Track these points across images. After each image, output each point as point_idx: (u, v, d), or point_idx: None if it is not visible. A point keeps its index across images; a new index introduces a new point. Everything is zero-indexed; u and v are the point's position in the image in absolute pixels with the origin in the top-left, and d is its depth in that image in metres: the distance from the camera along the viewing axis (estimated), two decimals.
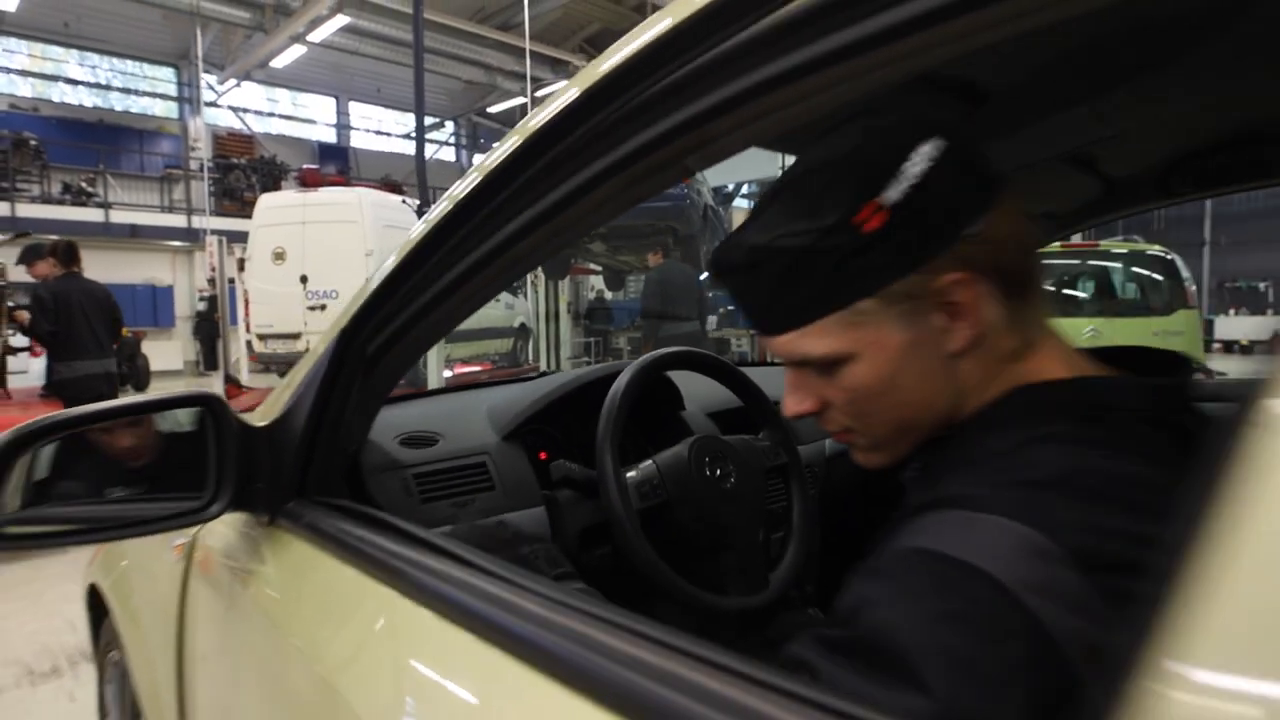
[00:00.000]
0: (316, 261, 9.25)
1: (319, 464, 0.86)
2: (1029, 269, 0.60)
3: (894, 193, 0.54)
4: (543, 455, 1.18)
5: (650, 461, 1.01)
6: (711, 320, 9.82)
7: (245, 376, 10.18)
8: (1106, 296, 5.88)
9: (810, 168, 0.59)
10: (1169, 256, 5.64)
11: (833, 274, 0.56)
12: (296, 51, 13.84)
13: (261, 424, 0.90)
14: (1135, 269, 5.80)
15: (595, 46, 17.21)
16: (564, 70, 16.45)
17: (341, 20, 12.56)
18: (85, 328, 4.86)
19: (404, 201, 9.47)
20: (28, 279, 5.19)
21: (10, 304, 5.33)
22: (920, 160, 0.54)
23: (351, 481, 0.95)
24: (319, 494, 0.86)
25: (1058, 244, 6.13)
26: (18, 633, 3.01)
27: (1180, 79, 0.76)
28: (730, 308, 10.10)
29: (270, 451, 0.87)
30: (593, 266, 10.32)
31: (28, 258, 5.06)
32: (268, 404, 0.97)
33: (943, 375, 0.59)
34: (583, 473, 0.98)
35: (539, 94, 14.30)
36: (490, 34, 14.90)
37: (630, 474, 0.97)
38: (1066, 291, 5.93)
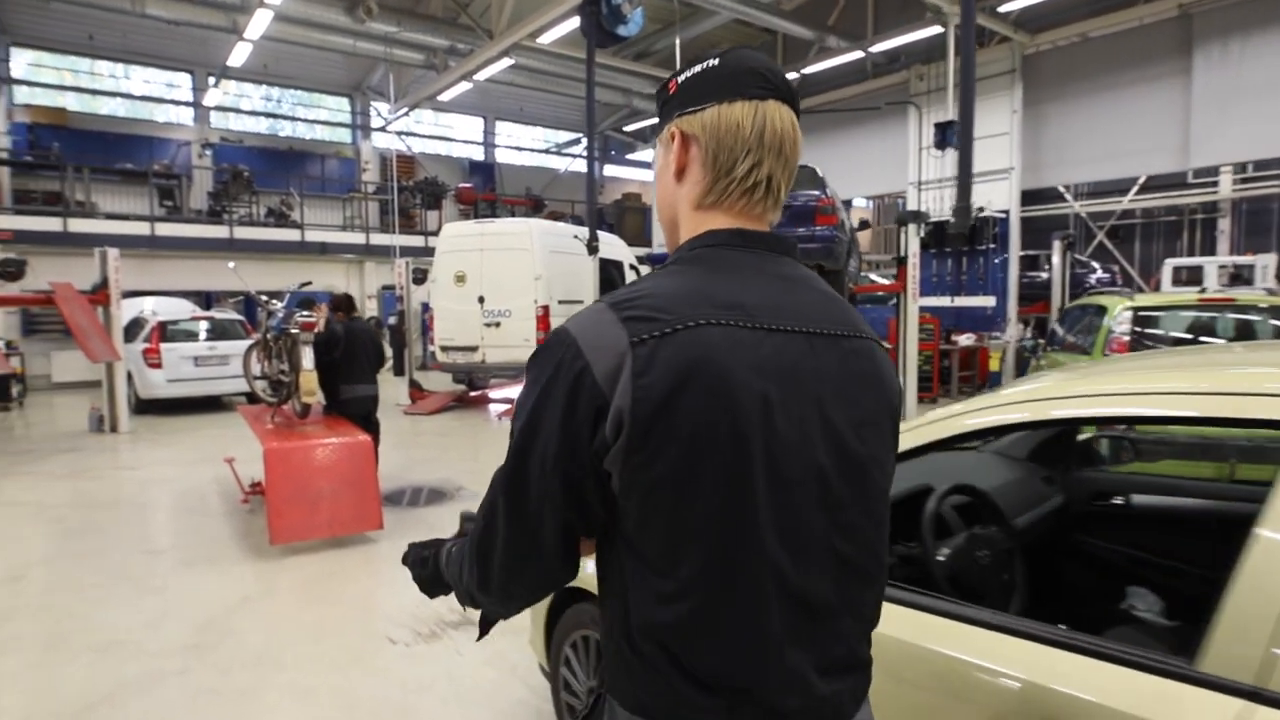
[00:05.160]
0: (492, 284, 10.47)
1: None
2: (727, 161, 0.90)
3: (679, 79, 0.95)
4: None
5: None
6: None
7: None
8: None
9: None
10: None
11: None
12: (462, 86, 15.27)
13: None
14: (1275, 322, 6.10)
15: None
16: None
17: (508, 62, 13.88)
18: (361, 360, 6.18)
19: (574, 237, 10.53)
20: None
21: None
22: (698, 64, 0.94)
23: None
24: None
25: (1195, 297, 6.51)
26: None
27: None
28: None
29: None
30: None
31: (334, 307, 6.31)
32: None
33: (672, 193, 0.97)
34: None
35: None
36: (625, 65, 15.96)
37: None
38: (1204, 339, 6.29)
